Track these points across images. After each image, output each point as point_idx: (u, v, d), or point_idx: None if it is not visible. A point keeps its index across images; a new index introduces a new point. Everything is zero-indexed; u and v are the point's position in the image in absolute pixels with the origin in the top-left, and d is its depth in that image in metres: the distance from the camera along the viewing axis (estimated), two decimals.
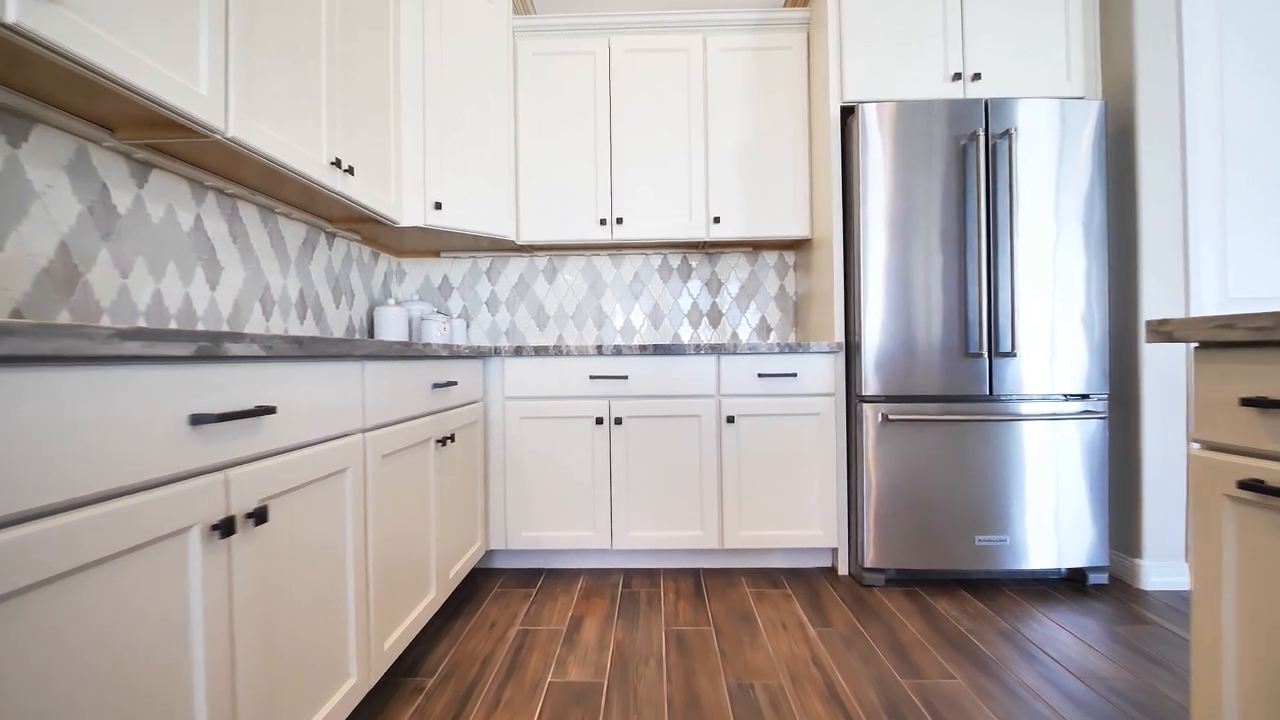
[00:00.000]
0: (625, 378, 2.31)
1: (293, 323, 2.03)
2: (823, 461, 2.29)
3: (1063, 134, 2.14)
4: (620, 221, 2.65)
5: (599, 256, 2.96)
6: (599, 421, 2.31)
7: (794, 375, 2.29)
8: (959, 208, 2.15)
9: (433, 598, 1.71)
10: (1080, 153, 2.14)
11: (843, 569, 2.31)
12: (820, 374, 2.30)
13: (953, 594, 2.11)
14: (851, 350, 2.28)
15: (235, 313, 1.75)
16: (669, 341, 2.94)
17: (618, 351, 2.29)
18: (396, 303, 2.69)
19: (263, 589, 0.97)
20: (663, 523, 2.31)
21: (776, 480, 2.30)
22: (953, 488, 2.14)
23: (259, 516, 0.93)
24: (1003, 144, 2.13)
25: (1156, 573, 2.12)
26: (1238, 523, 0.84)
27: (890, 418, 2.14)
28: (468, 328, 2.96)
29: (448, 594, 1.84)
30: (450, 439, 1.83)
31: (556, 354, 2.31)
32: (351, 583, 1.25)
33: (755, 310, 2.93)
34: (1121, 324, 2.22)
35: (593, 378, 2.31)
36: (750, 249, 2.92)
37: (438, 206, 2.31)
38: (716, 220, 2.63)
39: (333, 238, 2.29)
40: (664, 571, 2.36)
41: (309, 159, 1.61)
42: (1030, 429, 2.13)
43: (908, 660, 1.65)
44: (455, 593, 2.17)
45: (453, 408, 1.94)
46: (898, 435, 2.16)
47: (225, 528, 0.86)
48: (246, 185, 1.72)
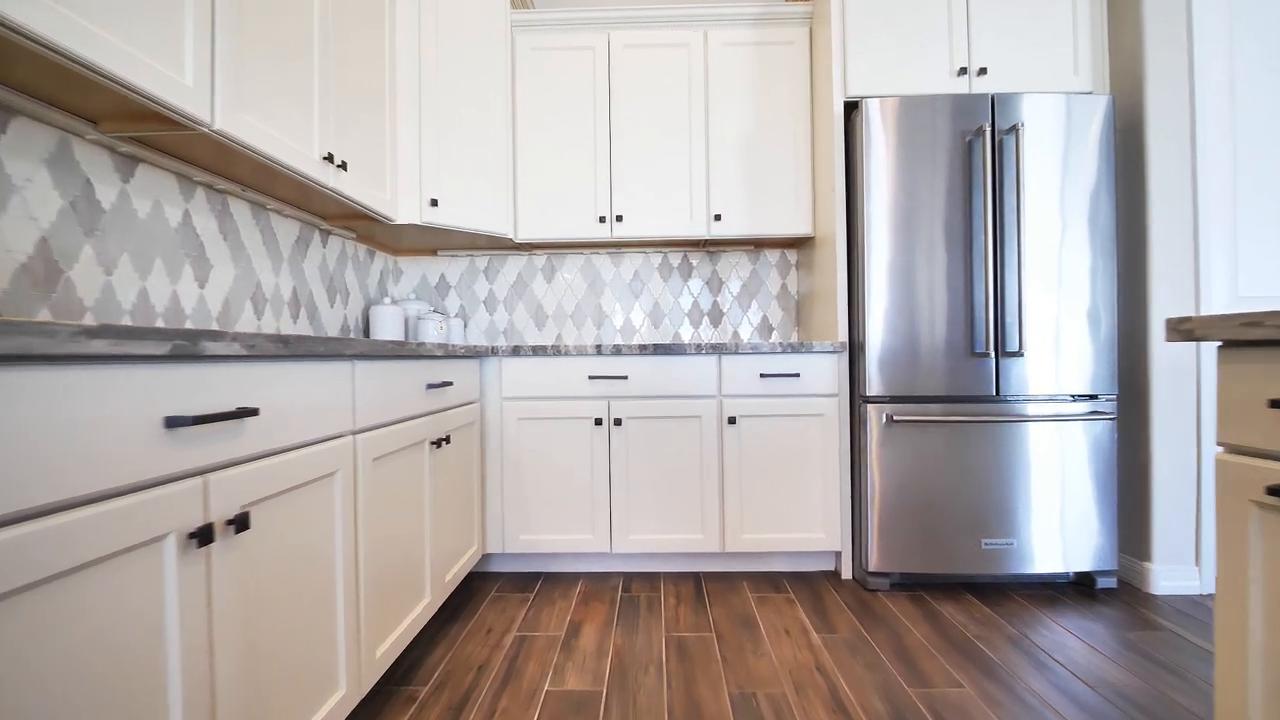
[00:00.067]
0: (625, 378, 2.27)
1: (285, 322, 1.99)
2: (825, 463, 2.25)
3: (1069, 129, 2.10)
4: (620, 219, 2.61)
5: (598, 255, 2.92)
6: (598, 422, 2.26)
7: (796, 375, 2.25)
8: (964, 204, 2.11)
9: (427, 603, 1.67)
10: (1087, 148, 2.10)
11: (846, 573, 2.27)
12: (823, 374, 2.25)
13: (958, 598, 2.07)
14: (855, 350, 2.24)
15: (225, 311, 1.71)
16: (669, 341, 2.90)
17: (617, 351, 2.25)
18: (393, 301, 2.65)
19: (244, 599, 0.93)
20: (663, 525, 2.27)
21: (778, 482, 2.26)
22: (958, 490, 2.10)
23: (240, 523, 0.89)
24: (1009, 139, 2.09)
25: (1166, 576, 2.08)
26: (1265, 530, 0.80)
27: (895, 418, 2.10)
28: (465, 327, 2.92)
29: (443, 599, 1.80)
30: (446, 440, 1.79)
31: (555, 354, 2.27)
32: (341, 590, 1.21)
33: (757, 309, 2.89)
34: (1130, 323, 2.18)
35: (592, 378, 2.27)
36: (752, 247, 2.88)
37: (434, 203, 2.27)
38: (718, 218, 2.59)
39: (327, 235, 2.25)
40: (664, 575, 2.32)
41: (299, 153, 1.58)
42: (1037, 430, 2.09)
43: (914, 667, 1.61)
44: (451, 597, 2.13)
45: (448, 408, 1.90)
46: (902, 436, 2.12)
47: (203, 535, 0.82)
48: (238, 181, 1.68)
